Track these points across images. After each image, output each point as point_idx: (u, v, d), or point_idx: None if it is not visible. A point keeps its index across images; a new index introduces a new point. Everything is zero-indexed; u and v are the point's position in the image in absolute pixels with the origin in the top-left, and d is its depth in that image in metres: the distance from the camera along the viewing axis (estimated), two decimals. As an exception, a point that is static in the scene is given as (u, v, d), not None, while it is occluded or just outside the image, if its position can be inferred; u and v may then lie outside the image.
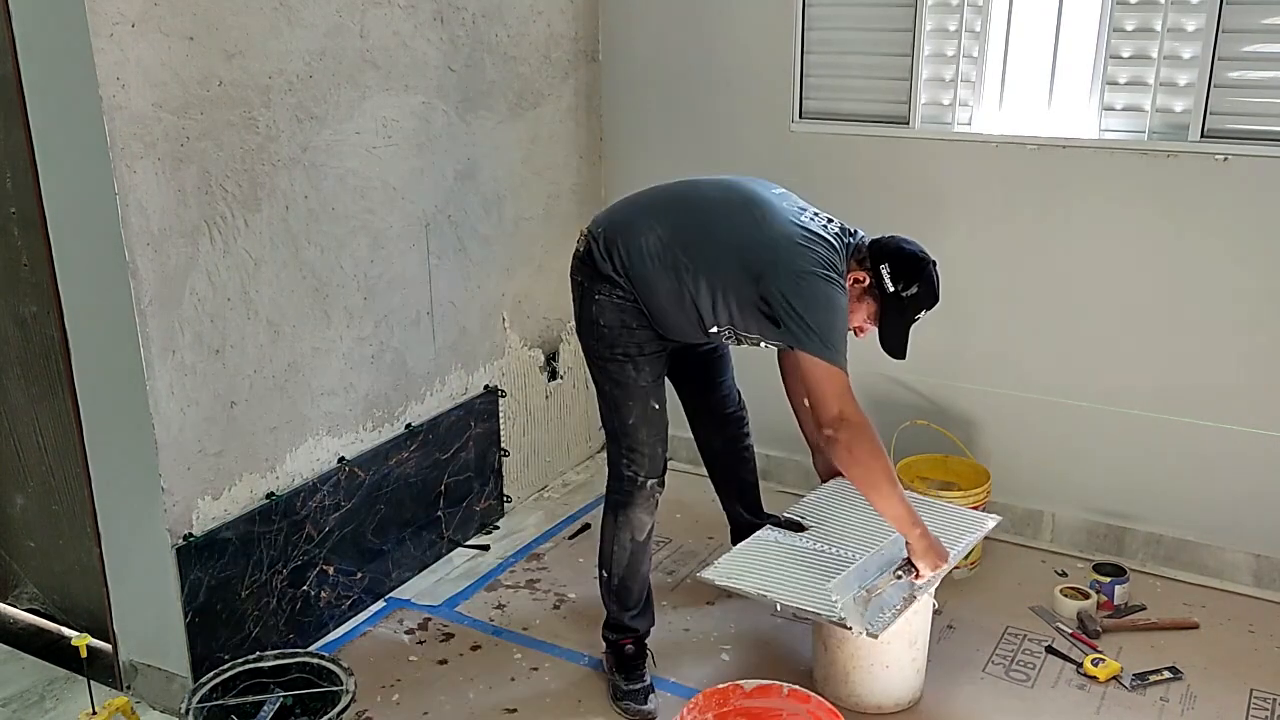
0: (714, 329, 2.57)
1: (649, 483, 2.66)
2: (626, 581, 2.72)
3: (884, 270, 2.49)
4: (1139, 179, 3.08)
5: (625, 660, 2.75)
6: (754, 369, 3.07)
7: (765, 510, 3.05)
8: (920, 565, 2.51)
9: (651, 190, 2.68)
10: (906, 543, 2.52)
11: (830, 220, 2.56)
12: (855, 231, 2.57)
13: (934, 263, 2.54)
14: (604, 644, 2.81)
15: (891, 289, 2.50)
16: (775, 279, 2.43)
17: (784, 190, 2.63)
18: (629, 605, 2.75)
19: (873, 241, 2.55)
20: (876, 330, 2.59)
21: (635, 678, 2.72)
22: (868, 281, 2.52)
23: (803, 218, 2.52)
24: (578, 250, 2.64)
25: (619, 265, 2.55)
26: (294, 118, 2.68)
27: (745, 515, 3.02)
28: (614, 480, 2.70)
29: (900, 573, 2.52)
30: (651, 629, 2.81)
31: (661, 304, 2.55)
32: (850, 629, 2.42)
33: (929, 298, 2.53)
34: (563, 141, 3.70)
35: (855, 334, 2.58)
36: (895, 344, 2.57)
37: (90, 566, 2.73)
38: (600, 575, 2.78)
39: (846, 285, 2.50)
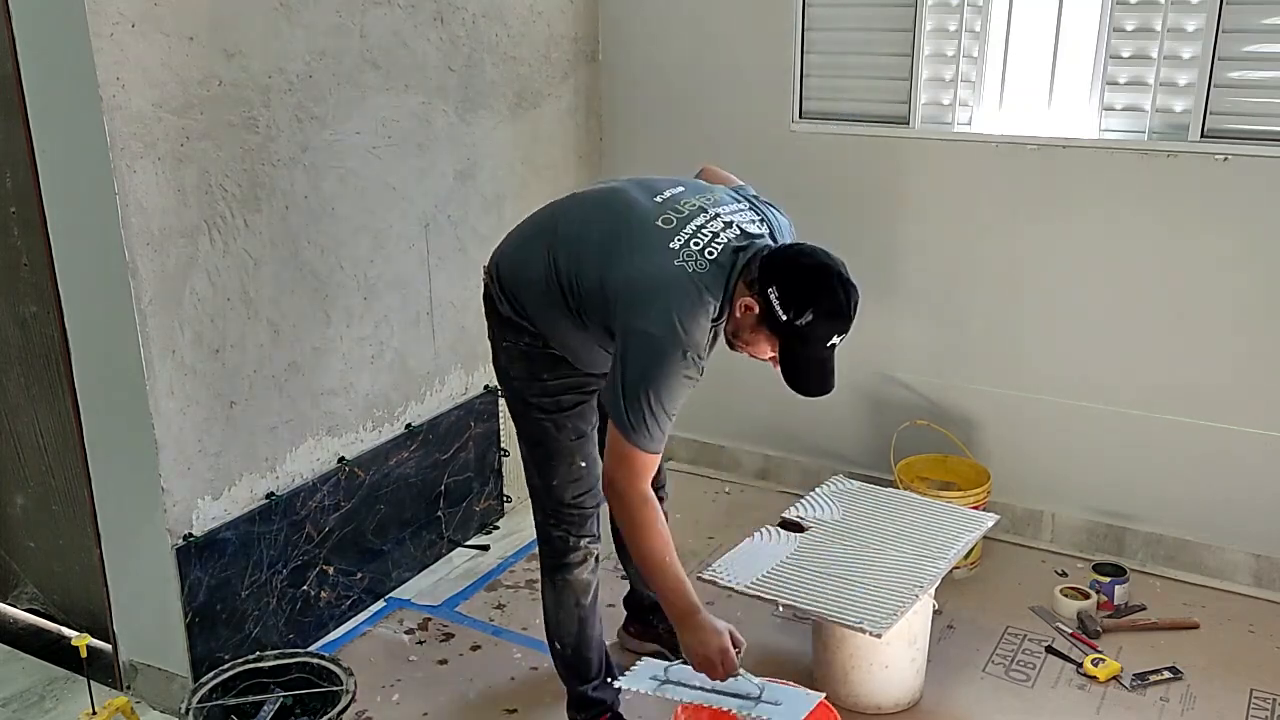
0: None
1: (582, 542, 2.38)
2: (581, 651, 2.47)
3: (772, 295, 2.01)
4: (1139, 179, 3.08)
5: None
6: (752, 367, 3.04)
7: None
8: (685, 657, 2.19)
9: (539, 213, 2.37)
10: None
11: (718, 234, 2.10)
12: (750, 244, 2.10)
13: (837, 274, 2.02)
14: None
15: (783, 318, 2.01)
16: (620, 326, 2.08)
17: (673, 194, 2.20)
18: (589, 677, 2.50)
19: (766, 256, 2.06)
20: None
21: None
22: (758, 309, 2.05)
23: (675, 242, 2.08)
24: (483, 289, 2.38)
25: (518, 307, 2.28)
26: (294, 118, 2.68)
27: (647, 590, 2.72)
28: (543, 544, 2.43)
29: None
30: (619, 703, 2.54)
31: (568, 341, 2.27)
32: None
33: (835, 320, 2.02)
34: (562, 141, 3.70)
35: (772, 364, 2.15)
36: (801, 381, 2.10)
37: (90, 566, 2.73)
38: (552, 647, 2.52)
39: (729, 314, 2.10)
